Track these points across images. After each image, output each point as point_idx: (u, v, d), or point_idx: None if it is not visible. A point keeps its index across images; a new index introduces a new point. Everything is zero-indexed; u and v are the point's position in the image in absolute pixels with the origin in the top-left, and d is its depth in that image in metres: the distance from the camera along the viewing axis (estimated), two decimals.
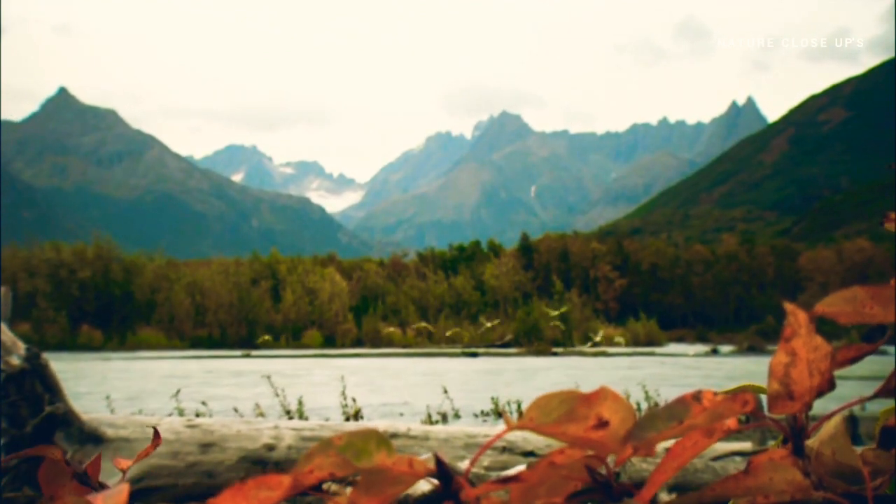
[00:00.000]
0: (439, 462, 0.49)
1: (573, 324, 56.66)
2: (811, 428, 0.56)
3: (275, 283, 70.62)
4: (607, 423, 0.47)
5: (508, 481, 0.48)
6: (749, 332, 61.94)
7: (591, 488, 0.52)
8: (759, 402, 0.51)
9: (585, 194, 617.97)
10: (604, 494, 0.53)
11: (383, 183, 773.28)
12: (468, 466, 0.53)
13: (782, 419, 0.55)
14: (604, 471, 0.52)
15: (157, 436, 0.82)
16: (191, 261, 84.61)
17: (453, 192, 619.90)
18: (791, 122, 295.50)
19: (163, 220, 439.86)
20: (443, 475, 0.49)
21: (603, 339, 53.54)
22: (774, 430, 0.56)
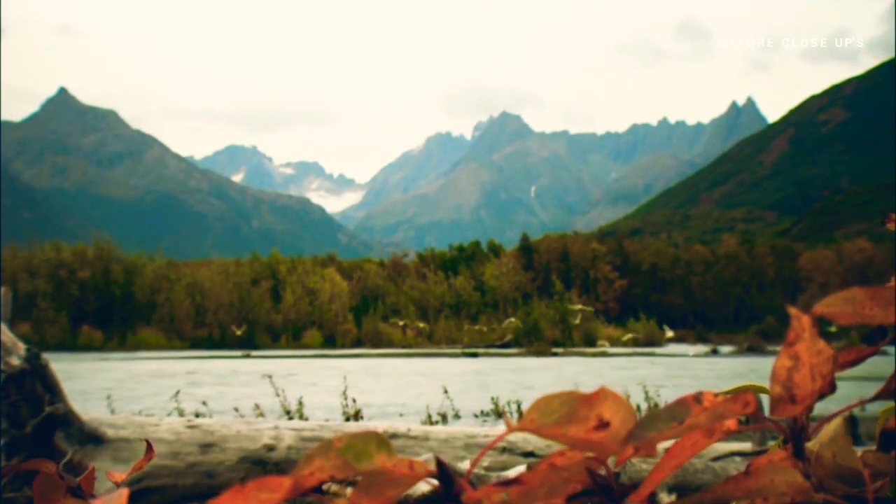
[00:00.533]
0: (440, 464, 0.49)
1: (571, 325, 56.73)
2: (812, 430, 0.56)
3: (275, 284, 70.64)
4: (608, 424, 0.47)
5: (509, 484, 0.48)
6: (749, 332, 61.96)
7: (591, 490, 0.52)
8: (760, 403, 0.52)
9: (585, 195, 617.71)
10: (604, 496, 0.53)
11: (383, 183, 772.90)
12: (469, 468, 0.52)
13: (783, 421, 0.55)
14: (604, 472, 0.52)
15: (151, 449, 0.82)
16: (191, 261, 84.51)
17: (453, 193, 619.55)
18: (791, 122, 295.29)
19: (163, 220, 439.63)
20: (444, 477, 0.49)
21: (607, 341, 54.03)
22: (775, 431, 0.57)
